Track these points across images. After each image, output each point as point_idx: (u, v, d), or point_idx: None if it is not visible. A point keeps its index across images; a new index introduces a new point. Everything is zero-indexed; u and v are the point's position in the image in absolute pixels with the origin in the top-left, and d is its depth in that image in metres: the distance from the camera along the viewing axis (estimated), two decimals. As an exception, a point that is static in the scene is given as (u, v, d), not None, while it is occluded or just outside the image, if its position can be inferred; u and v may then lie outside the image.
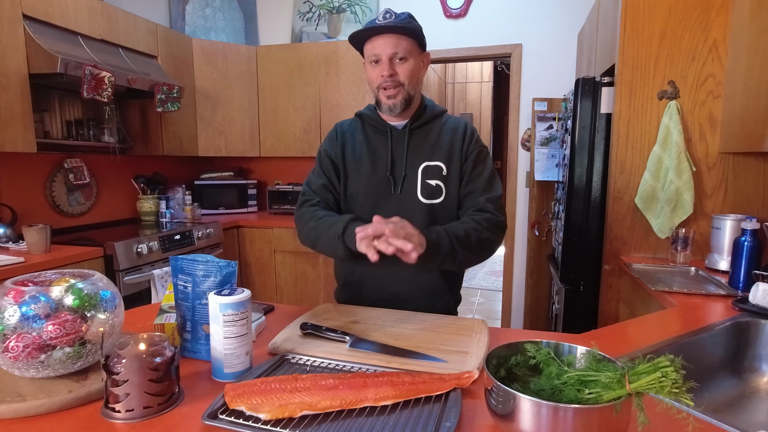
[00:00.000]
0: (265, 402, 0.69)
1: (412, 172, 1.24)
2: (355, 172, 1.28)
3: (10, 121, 2.01)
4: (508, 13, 3.22)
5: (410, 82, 1.19)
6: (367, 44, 1.19)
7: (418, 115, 1.26)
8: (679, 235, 1.83)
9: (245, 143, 3.48)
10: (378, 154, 1.26)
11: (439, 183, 1.23)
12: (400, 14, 1.17)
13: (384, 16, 1.16)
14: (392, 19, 1.15)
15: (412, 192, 1.23)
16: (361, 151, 1.28)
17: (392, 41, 1.15)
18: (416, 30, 1.17)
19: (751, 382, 1.16)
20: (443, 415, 0.69)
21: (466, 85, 7.14)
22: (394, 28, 1.14)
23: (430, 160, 1.23)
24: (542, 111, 3.10)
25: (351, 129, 1.33)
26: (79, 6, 2.32)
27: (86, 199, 2.78)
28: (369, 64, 1.20)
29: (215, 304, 0.80)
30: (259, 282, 3.29)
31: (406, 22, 1.16)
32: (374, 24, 1.15)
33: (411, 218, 1.19)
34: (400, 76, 1.17)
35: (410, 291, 1.25)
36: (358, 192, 1.27)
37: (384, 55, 1.16)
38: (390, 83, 1.17)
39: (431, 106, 1.30)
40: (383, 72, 1.17)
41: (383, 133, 1.27)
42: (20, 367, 0.74)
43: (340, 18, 3.55)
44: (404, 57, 1.17)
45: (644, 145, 1.95)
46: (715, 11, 1.82)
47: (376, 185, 1.25)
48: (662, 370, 0.58)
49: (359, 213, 1.27)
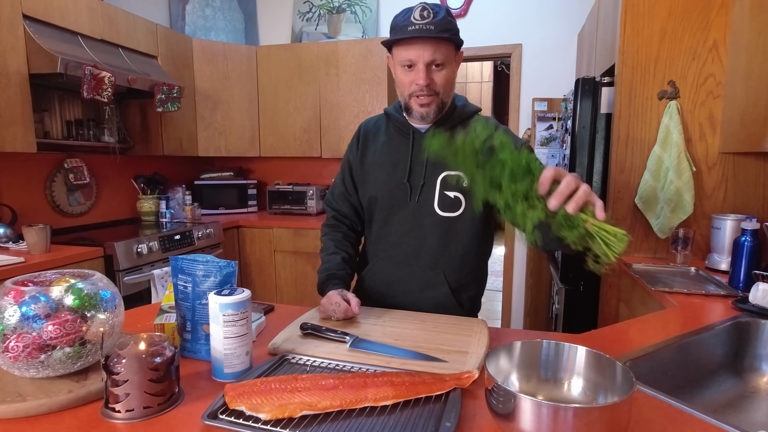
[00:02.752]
0: (265, 402, 0.69)
1: (430, 181, 1.16)
2: (374, 175, 1.23)
3: (10, 121, 2.01)
4: (508, 13, 3.22)
5: (445, 90, 1.11)
6: (400, 46, 1.08)
7: (445, 118, 1.17)
8: (679, 235, 1.82)
9: (245, 143, 3.48)
10: (398, 158, 1.20)
11: (458, 195, 1.15)
12: (437, 9, 1.05)
13: (421, 14, 1.03)
14: (431, 20, 1.03)
15: (429, 202, 1.17)
16: (382, 154, 1.22)
17: (431, 47, 1.04)
18: (455, 32, 1.07)
19: (751, 382, 1.16)
20: (443, 415, 0.69)
21: (466, 85, 7.14)
22: (433, 33, 1.03)
23: (450, 170, 1.14)
24: (542, 111, 3.10)
25: (376, 128, 1.27)
26: (79, 6, 2.32)
27: (86, 199, 2.78)
28: (400, 67, 1.10)
29: (215, 304, 0.80)
30: (259, 282, 3.29)
31: (445, 24, 1.04)
32: (409, 23, 1.04)
33: (425, 231, 1.18)
34: (437, 85, 1.09)
35: (420, 305, 1.21)
36: (375, 197, 1.22)
37: (421, 62, 1.06)
38: (425, 92, 1.08)
39: (462, 106, 1.20)
40: (419, 80, 1.07)
41: (406, 135, 1.20)
42: (20, 367, 0.74)
43: (340, 18, 3.55)
44: (442, 64, 1.07)
45: (644, 145, 1.95)
46: (715, 11, 1.82)
47: (393, 191, 1.19)
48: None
49: (377, 218, 1.24)
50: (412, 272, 1.20)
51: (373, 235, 1.27)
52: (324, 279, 1.22)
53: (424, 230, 1.17)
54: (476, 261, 1.23)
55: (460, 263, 1.20)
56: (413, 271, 1.20)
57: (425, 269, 1.20)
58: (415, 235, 1.19)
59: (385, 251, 1.24)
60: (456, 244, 1.18)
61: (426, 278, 1.20)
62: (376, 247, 1.26)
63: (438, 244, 1.18)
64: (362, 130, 1.29)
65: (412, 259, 1.20)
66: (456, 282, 1.20)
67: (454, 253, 1.18)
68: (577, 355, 0.73)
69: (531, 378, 0.75)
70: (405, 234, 1.20)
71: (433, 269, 1.19)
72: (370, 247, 1.30)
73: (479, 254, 1.23)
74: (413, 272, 1.20)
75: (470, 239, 1.18)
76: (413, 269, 1.20)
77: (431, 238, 1.18)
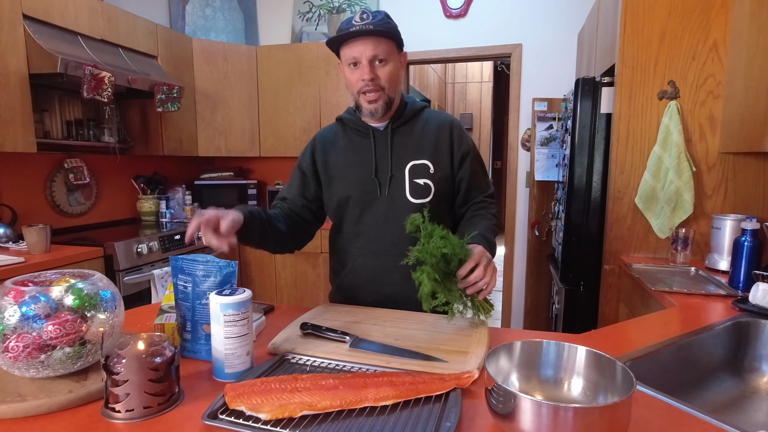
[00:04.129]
0: (265, 402, 0.69)
1: (398, 172, 1.22)
2: (341, 178, 1.26)
3: (10, 121, 2.01)
4: (508, 13, 3.22)
5: (390, 84, 1.17)
6: (345, 47, 1.16)
7: (399, 114, 1.24)
8: (679, 235, 1.83)
9: (245, 143, 3.48)
10: (362, 158, 1.25)
11: (427, 181, 1.22)
12: (376, 14, 1.14)
13: (361, 17, 1.12)
14: (370, 20, 1.11)
15: (401, 192, 1.22)
16: (345, 156, 1.27)
17: (371, 44, 1.12)
18: (394, 31, 1.15)
19: (751, 382, 1.16)
20: (443, 415, 0.69)
21: (466, 85, 7.14)
22: (372, 30, 1.11)
23: (416, 159, 1.22)
24: (542, 111, 3.10)
25: (332, 135, 1.31)
26: (79, 6, 2.32)
27: (86, 199, 2.78)
28: (347, 67, 1.17)
29: (216, 304, 0.80)
30: (259, 282, 3.29)
31: (383, 23, 1.13)
32: (351, 26, 1.12)
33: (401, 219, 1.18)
34: (381, 80, 1.15)
35: (406, 292, 1.21)
36: (347, 196, 1.25)
37: (364, 58, 1.13)
38: (371, 87, 1.15)
39: (411, 103, 1.28)
40: (364, 76, 1.14)
41: (365, 135, 1.26)
42: (20, 367, 0.74)
43: (340, 18, 3.55)
44: (384, 59, 1.15)
45: (644, 145, 1.95)
46: (715, 11, 1.82)
47: (364, 189, 1.24)
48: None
49: (350, 218, 1.27)
50: (394, 263, 1.21)
51: (346, 236, 1.29)
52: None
53: (400, 220, 1.18)
54: None
55: None
56: (395, 262, 1.21)
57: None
58: (391, 226, 1.21)
59: (362, 248, 1.26)
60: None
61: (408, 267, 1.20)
62: (352, 246, 1.28)
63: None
64: (318, 139, 1.32)
65: (393, 250, 1.21)
66: None
67: None
68: (577, 355, 0.73)
69: (531, 378, 0.75)
70: (381, 227, 1.23)
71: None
72: (344, 247, 1.30)
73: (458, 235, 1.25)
74: (395, 263, 1.21)
75: (446, 222, 1.20)
76: (394, 260, 1.21)
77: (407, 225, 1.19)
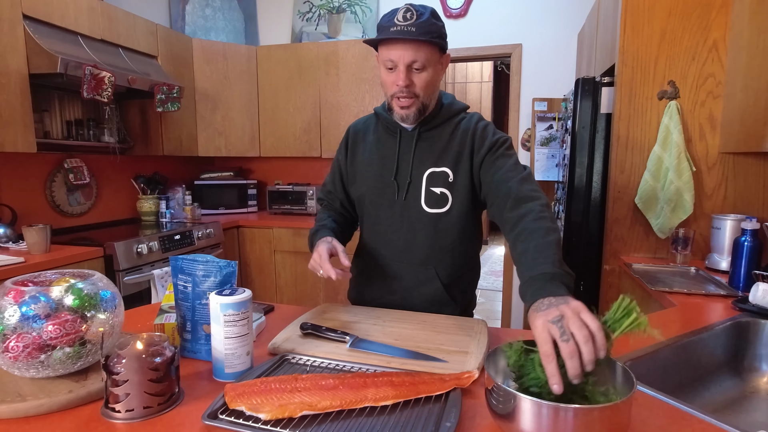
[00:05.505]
0: (265, 402, 0.69)
1: (416, 178, 1.17)
2: (363, 174, 1.24)
3: (10, 121, 2.01)
4: (508, 13, 3.22)
5: (426, 92, 1.10)
6: (383, 46, 1.07)
7: (431, 117, 1.17)
8: (679, 235, 1.83)
9: (245, 143, 3.48)
10: (386, 157, 1.21)
11: (445, 191, 1.16)
12: (422, 12, 1.04)
13: (404, 16, 1.03)
14: (413, 21, 1.02)
15: (416, 201, 1.17)
16: (371, 153, 1.23)
17: (411, 49, 1.04)
18: (438, 35, 1.06)
19: (751, 382, 1.16)
20: (443, 415, 0.69)
21: (466, 85, 7.14)
22: (414, 34, 1.02)
23: (436, 166, 1.16)
24: (542, 111, 3.10)
25: (365, 128, 1.28)
26: (79, 6, 2.32)
27: (86, 199, 2.78)
28: (384, 67, 1.10)
29: (216, 304, 0.80)
30: (259, 282, 3.29)
31: (427, 27, 1.04)
32: (393, 24, 1.04)
33: (414, 229, 1.19)
34: (416, 87, 1.08)
35: (413, 301, 1.22)
36: (364, 195, 1.24)
37: (401, 63, 1.05)
38: (405, 93, 1.08)
39: (447, 105, 1.19)
40: (399, 81, 1.07)
41: (393, 134, 1.21)
42: (20, 367, 0.74)
43: (340, 18, 3.55)
44: (422, 67, 1.06)
45: (644, 145, 1.95)
46: (715, 11, 1.82)
47: (381, 189, 1.21)
48: (630, 310, 0.68)
49: (368, 216, 1.26)
50: (404, 269, 1.21)
51: (365, 234, 1.30)
52: (315, 230, 1.23)
53: (413, 228, 1.18)
54: (467, 256, 1.24)
55: (450, 259, 1.21)
56: (405, 268, 1.21)
57: (416, 266, 1.21)
58: (404, 232, 1.20)
59: (376, 249, 1.26)
60: (445, 241, 1.19)
61: (418, 275, 1.21)
62: (369, 244, 1.28)
63: (427, 240, 1.18)
64: (351, 132, 1.30)
65: (403, 256, 1.21)
66: (448, 277, 1.21)
67: (444, 249, 1.20)
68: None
69: (531, 378, 0.75)
70: (395, 232, 1.21)
71: (424, 266, 1.20)
72: (362, 244, 1.31)
73: (469, 249, 1.25)
74: (405, 269, 1.21)
75: (459, 235, 1.19)
76: (405, 266, 1.21)
77: (420, 235, 1.19)
